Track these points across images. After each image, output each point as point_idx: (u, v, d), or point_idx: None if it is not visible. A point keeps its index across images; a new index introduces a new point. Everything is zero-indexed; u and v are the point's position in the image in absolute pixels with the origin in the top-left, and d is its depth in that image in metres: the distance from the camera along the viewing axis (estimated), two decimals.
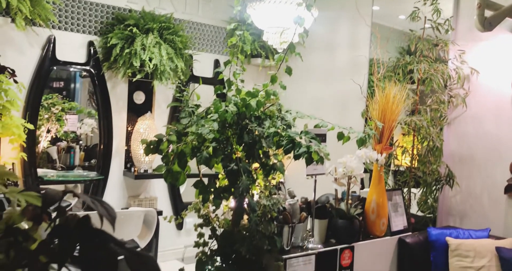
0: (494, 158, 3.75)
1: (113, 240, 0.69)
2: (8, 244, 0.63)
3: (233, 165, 2.52)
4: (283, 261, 2.78)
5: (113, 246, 0.68)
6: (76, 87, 5.39)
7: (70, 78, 5.26)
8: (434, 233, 3.51)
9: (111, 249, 0.67)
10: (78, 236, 0.65)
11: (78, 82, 5.33)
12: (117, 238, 0.69)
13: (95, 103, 5.19)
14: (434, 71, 3.82)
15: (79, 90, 5.38)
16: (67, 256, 0.63)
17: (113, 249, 0.67)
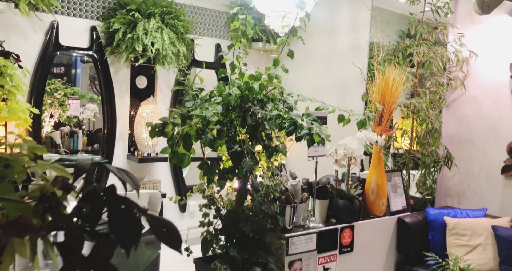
0: (492, 140, 3.82)
1: (137, 206, 0.76)
2: (44, 210, 0.71)
3: (237, 147, 2.59)
4: (286, 240, 2.87)
5: (136, 211, 0.75)
6: (77, 72, 5.42)
7: (71, 64, 5.30)
8: (433, 213, 3.60)
9: (135, 214, 0.74)
10: (106, 202, 0.73)
11: (79, 68, 5.37)
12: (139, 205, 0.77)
13: (96, 89, 5.24)
14: (433, 54, 3.86)
15: (80, 76, 5.41)
16: (98, 219, 0.71)
17: (137, 214, 0.75)
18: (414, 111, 3.89)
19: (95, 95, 5.16)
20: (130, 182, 0.73)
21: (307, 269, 3.00)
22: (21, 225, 0.60)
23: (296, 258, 2.94)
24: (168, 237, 0.76)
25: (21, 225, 0.60)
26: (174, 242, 0.77)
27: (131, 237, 0.72)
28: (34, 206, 0.72)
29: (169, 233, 0.76)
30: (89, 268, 0.64)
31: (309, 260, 3.00)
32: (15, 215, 0.70)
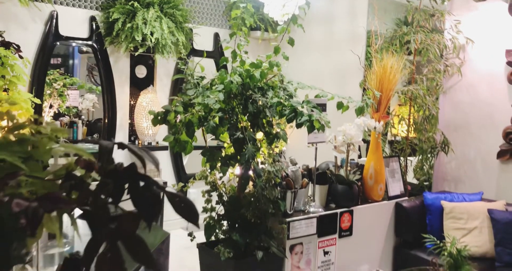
0: (488, 125, 3.88)
1: (156, 183, 0.82)
2: (70, 186, 0.76)
3: (239, 134, 2.64)
4: (287, 224, 2.94)
5: (156, 188, 0.81)
6: (75, 63, 5.43)
7: (68, 54, 5.31)
8: (430, 198, 3.67)
9: (155, 191, 0.80)
10: (128, 179, 0.78)
11: (77, 58, 5.38)
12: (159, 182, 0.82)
13: (93, 79, 5.26)
14: (430, 41, 3.91)
15: (78, 66, 5.42)
16: (121, 195, 0.76)
17: (157, 190, 0.80)
18: (411, 98, 3.94)
19: (94, 85, 5.19)
20: (150, 160, 0.78)
21: (308, 252, 3.07)
22: (55, 198, 0.65)
23: (297, 242, 3.01)
24: (186, 212, 0.81)
25: (54, 198, 0.65)
26: (192, 216, 0.83)
27: (152, 211, 0.78)
28: (60, 184, 0.78)
29: (187, 208, 0.81)
30: (116, 239, 0.70)
31: (309, 244, 3.07)
32: (42, 192, 0.76)
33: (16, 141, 0.82)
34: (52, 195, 0.66)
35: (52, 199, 0.64)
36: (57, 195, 0.66)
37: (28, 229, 0.60)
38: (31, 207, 0.61)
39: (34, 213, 0.60)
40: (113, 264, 0.67)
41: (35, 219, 0.60)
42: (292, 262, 2.99)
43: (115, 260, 0.68)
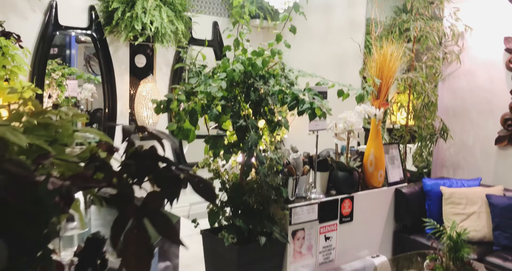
0: (486, 112, 3.92)
1: (175, 165, 0.85)
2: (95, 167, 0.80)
3: (241, 122, 2.67)
4: (289, 210, 2.99)
5: (175, 169, 0.85)
6: (72, 53, 5.42)
7: (65, 44, 5.29)
8: (429, 184, 3.73)
9: (175, 172, 0.84)
10: (150, 160, 0.82)
11: (74, 48, 5.37)
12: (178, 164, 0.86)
13: (91, 69, 5.26)
14: (429, 29, 3.93)
15: (75, 56, 5.41)
16: (144, 176, 0.80)
17: (177, 171, 0.84)
18: (411, 85, 3.98)
19: (92, 75, 5.19)
20: (171, 142, 0.82)
21: (310, 238, 3.13)
22: (85, 177, 0.68)
23: (299, 227, 3.06)
24: (204, 192, 0.85)
25: (85, 178, 0.68)
26: (209, 196, 0.87)
27: (174, 191, 0.81)
28: (85, 165, 0.81)
29: (205, 188, 0.85)
30: (143, 216, 0.73)
31: (311, 229, 3.13)
32: (68, 173, 0.79)
33: (41, 126, 0.85)
34: (82, 174, 0.69)
35: (83, 178, 0.68)
36: (88, 174, 0.69)
37: (62, 206, 0.63)
38: (64, 186, 0.64)
39: (67, 191, 0.64)
40: (140, 239, 0.71)
41: (69, 196, 0.64)
42: (294, 247, 3.04)
43: (141, 236, 0.71)
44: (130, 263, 0.71)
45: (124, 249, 0.72)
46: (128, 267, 0.71)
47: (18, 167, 0.60)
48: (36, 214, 0.63)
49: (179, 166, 0.85)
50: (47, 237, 0.63)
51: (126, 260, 0.71)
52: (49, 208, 0.63)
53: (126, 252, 0.71)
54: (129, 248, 0.72)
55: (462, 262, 2.38)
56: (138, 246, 0.71)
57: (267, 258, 2.92)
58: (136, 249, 0.71)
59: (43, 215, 0.63)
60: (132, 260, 0.71)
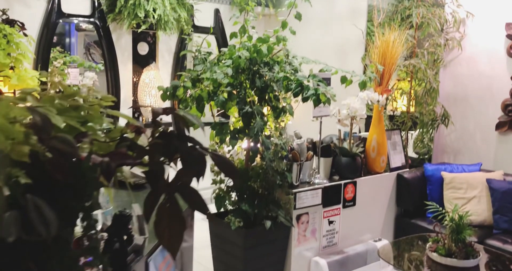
0: (487, 98, 3.97)
1: (200, 144, 0.90)
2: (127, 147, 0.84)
3: (247, 108, 2.71)
4: (293, 195, 3.04)
5: (201, 149, 0.89)
6: (72, 41, 5.42)
7: (65, 33, 5.29)
8: (430, 169, 3.78)
9: (201, 151, 0.88)
10: (177, 140, 0.86)
11: (74, 36, 5.37)
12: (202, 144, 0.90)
13: (91, 57, 5.27)
14: (431, 15, 3.95)
15: (75, 44, 5.41)
16: (173, 154, 0.85)
17: (202, 151, 0.89)
18: (413, 71, 4.01)
19: (93, 63, 5.20)
20: (197, 122, 0.86)
21: (313, 222, 3.19)
22: (122, 154, 0.73)
23: (303, 212, 3.12)
24: (226, 169, 0.90)
25: (122, 155, 0.73)
26: (232, 174, 0.92)
27: (200, 168, 0.86)
28: (116, 144, 0.86)
29: (227, 166, 0.90)
30: (173, 191, 0.78)
31: (315, 213, 3.19)
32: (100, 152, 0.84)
33: (71, 107, 0.89)
34: (119, 152, 0.73)
35: (120, 155, 0.72)
36: (124, 152, 0.74)
37: (103, 181, 0.68)
38: (105, 162, 0.69)
39: (107, 167, 0.68)
40: (172, 212, 0.76)
41: (109, 171, 0.68)
42: (299, 231, 3.10)
43: (174, 209, 0.76)
44: (164, 234, 0.76)
45: (158, 222, 0.77)
46: (162, 238, 0.76)
47: (64, 144, 0.65)
48: (80, 188, 0.67)
49: (202, 145, 0.90)
50: (91, 209, 0.68)
51: (160, 232, 0.76)
52: (91, 182, 0.68)
53: (160, 225, 0.76)
54: (162, 221, 0.76)
55: (464, 243, 2.44)
56: (171, 219, 0.76)
57: (272, 242, 2.99)
58: (169, 221, 0.76)
59: (85, 189, 0.68)
60: (166, 231, 0.76)
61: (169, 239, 0.76)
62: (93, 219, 0.68)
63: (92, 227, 0.68)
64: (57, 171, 0.65)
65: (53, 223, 0.59)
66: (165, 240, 0.76)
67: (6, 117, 0.62)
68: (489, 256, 2.90)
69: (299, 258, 3.12)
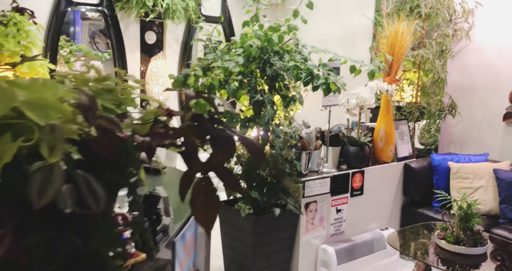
0: (494, 88, 3.98)
1: (228, 127, 0.93)
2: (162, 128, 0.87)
3: (258, 96, 2.74)
4: (302, 183, 3.07)
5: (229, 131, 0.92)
6: (76, 30, 5.42)
7: (69, 21, 5.30)
8: (437, 159, 3.81)
9: (229, 133, 0.91)
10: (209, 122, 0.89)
11: (78, 25, 5.37)
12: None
13: (96, 46, 5.28)
14: (440, 6, 3.95)
15: (80, 33, 5.42)
16: (206, 135, 0.87)
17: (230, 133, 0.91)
18: (421, 62, 4.02)
19: (99, 52, 5.22)
20: (225, 104, 0.89)
21: (322, 210, 3.23)
22: (162, 134, 0.76)
23: (312, 200, 3.15)
24: (254, 151, 0.93)
25: (161, 134, 0.75)
26: (258, 156, 0.95)
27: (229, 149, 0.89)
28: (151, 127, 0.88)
29: (254, 148, 0.93)
30: (208, 170, 0.81)
31: (323, 202, 3.22)
32: None
33: (105, 90, 0.92)
34: (158, 132, 0.76)
35: (160, 135, 0.75)
36: (163, 132, 0.76)
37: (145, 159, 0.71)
38: (146, 141, 0.72)
39: (149, 145, 0.71)
40: (207, 191, 0.79)
41: (151, 150, 0.71)
42: (307, 219, 3.14)
43: (208, 188, 0.79)
44: (199, 212, 0.79)
45: (193, 200, 0.80)
46: (197, 216, 0.79)
47: (109, 123, 0.68)
48: (122, 165, 0.70)
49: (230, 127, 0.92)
50: (136, 185, 0.71)
51: (195, 210, 0.79)
52: (134, 160, 0.70)
53: (195, 203, 0.79)
54: (197, 199, 0.79)
55: (472, 231, 2.47)
56: (206, 197, 0.79)
57: (281, 229, 3.03)
58: (204, 199, 0.79)
59: (128, 166, 0.71)
60: (201, 209, 0.79)
61: (204, 215, 0.79)
62: (138, 195, 0.71)
63: (138, 202, 0.71)
64: (102, 149, 0.68)
65: (102, 197, 0.62)
66: (200, 217, 0.79)
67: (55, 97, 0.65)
68: (495, 245, 2.94)
69: (307, 245, 3.17)
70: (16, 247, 0.60)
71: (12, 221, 0.59)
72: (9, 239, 0.59)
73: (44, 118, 0.60)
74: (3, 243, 0.57)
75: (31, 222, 0.64)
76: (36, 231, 0.63)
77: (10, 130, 0.65)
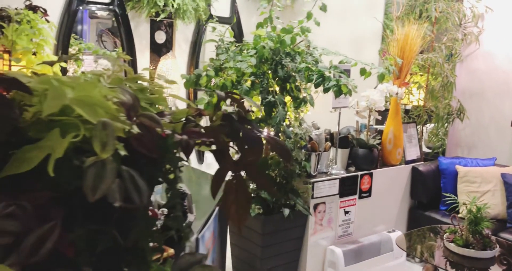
0: (503, 93, 3.99)
1: (256, 127, 0.95)
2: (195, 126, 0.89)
3: (270, 97, 2.76)
4: (311, 184, 3.10)
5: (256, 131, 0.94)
6: (84, 28, 5.45)
7: (77, 20, 5.33)
8: (445, 162, 3.82)
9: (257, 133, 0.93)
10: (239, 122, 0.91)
11: (86, 23, 5.41)
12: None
13: (103, 44, 5.32)
14: (450, 10, 3.97)
15: (87, 31, 5.45)
16: (238, 135, 0.90)
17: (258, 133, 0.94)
18: (430, 65, 4.04)
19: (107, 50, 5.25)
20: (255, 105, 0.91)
21: (330, 211, 3.25)
22: (197, 133, 0.78)
23: (320, 201, 3.17)
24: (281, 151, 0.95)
25: (197, 133, 0.78)
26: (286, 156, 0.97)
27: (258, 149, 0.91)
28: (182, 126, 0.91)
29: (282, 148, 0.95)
30: (240, 169, 0.83)
31: (332, 203, 3.24)
32: None
33: (138, 90, 0.95)
34: (194, 131, 0.79)
35: (196, 134, 0.78)
36: (198, 131, 0.79)
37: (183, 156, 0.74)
38: (184, 139, 0.74)
39: (187, 143, 0.74)
40: (239, 189, 0.81)
41: (189, 148, 0.74)
42: (316, 220, 3.16)
43: (240, 186, 0.82)
44: (230, 209, 0.82)
45: (224, 197, 0.82)
46: (227, 213, 0.82)
47: (151, 121, 0.70)
48: (160, 162, 0.73)
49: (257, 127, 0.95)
50: (175, 181, 0.74)
51: (227, 207, 0.82)
52: (174, 157, 0.73)
53: (227, 200, 0.82)
54: (229, 196, 0.82)
55: (481, 235, 2.49)
56: (238, 194, 0.81)
57: (289, 229, 3.05)
58: (236, 197, 0.81)
59: (167, 163, 0.73)
60: (232, 206, 0.82)
61: (236, 213, 0.81)
62: (177, 190, 0.73)
63: (177, 197, 0.74)
64: (143, 146, 0.70)
65: (145, 192, 0.64)
66: (232, 214, 0.81)
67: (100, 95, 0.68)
68: (502, 249, 2.95)
69: (315, 246, 3.19)
70: (63, 239, 0.62)
71: (60, 213, 0.62)
72: (58, 231, 0.61)
73: (93, 115, 0.63)
74: (53, 234, 0.60)
75: (77, 215, 0.66)
76: (81, 224, 0.66)
77: (55, 127, 0.68)
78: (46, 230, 0.61)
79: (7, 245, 0.61)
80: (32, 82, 0.72)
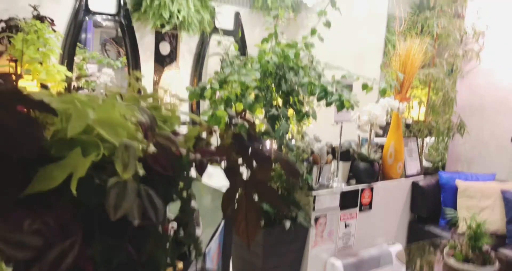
0: (503, 109, 4.03)
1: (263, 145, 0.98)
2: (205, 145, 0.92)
3: (273, 110, 2.80)
4: (313, 197, 3.12)
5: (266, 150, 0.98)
6: (88, 37, 5.51)
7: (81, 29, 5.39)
8: (445, 177, 3.85)
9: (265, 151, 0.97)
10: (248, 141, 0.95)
11: (90, 32, 5.46)
12: None
13: (106, 54, 5.37)
14: (452, 27, 4.02)
15: (91, 40, 5.50)
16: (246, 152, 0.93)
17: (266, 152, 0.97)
18: (431, 80, 4.08)
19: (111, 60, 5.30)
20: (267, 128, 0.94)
21: (331, 224, 3.27)
22: (210, 152, 0.81)
23: (322, 213, 3.20)
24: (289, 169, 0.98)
25: (210, 152, 0.81)
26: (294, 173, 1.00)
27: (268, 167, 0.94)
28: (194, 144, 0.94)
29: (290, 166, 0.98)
30: (250, 187, 0.86)
31: (332, 216, 3.26)
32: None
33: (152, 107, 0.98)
34: (207, 150, 0.82)
35: (208, 152, 0.81)
36: (211, 150, 0.82)
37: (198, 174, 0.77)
38: (198, 158, 0.77)
39: (201, 162, 0.77)
40: (250, 206, 0.84)
41: (202, 166, 0.77)
42: (316, 232, 3.18)
43: (250, 203, 0.85)
44: (240, 225, 0.85)
45: (236, 214, 0.85)
46: (238, 229, 0.84)
47: (167, 140, 0.73)
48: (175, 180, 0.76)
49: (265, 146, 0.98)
50: (189, 199, 0.77)
51: (237, 224, 0.84)
52: (188, 176, 0.76)
53: (238, 217, 0.85)
54: (239, 213, 0.85)
55: (480, 250, 2.51)
56: (248, 212, 0.84)
57: (290, 241, 3.07)
58: (246, 214, 0.84)
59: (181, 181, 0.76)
60: (242, 223, 0.84)
61: (246, 230, 0.84)
62: (191, 208, 0.76)
63: (191, 214, 0.77)
64: (159, 165, 0.73)
65: (161, 210, 0.67)
66: (242, 231, 0.84)
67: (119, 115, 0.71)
68: (501, 265, 2.96)
69: (315, 258, 3.20)
70: (83, 254, 0.65)
71: (80, 229, 0.65)
72: (78, 246, 0.64)
73: (114, 135, 0.66)
74: (74, 249, 0.63)
75: (94, 230, 0.69)
76: (99, 239, 0.68)
77: (76, 145, 0.71)
78: (67, 245, 0.64)
79: (29, 260, 0.64)
80: (54, 101, 0.75)
